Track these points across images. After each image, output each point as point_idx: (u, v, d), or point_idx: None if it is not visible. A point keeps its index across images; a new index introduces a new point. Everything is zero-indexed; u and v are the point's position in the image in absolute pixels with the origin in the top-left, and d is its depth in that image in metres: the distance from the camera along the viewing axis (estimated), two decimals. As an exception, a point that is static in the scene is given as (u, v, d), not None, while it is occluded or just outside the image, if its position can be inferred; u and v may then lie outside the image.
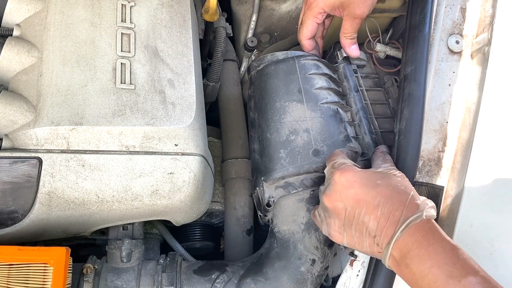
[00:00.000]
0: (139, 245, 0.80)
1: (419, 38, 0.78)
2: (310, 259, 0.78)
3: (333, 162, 0.71)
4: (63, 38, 0.77)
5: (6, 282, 0.62)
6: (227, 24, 1.06)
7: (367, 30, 0.91)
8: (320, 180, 0.81)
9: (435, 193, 0.75)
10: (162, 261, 0.79)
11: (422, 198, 0.64)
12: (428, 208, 0.62)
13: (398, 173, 0.68)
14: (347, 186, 0.66)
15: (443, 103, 0.82)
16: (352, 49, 0.86)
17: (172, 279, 0.75)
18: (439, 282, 0.57)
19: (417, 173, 0.76)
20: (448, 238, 0.61)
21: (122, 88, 0.75)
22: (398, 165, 0.74)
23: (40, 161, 0.69)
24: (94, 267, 0.75)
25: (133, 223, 0.81)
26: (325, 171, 0.73)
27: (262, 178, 0.81)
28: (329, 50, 0.93)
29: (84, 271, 0.73)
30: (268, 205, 0.81)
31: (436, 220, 0.75)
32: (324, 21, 0.87)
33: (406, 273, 0.61)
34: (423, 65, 0.77)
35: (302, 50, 0.89)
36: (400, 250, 0.61)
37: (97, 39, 0.78)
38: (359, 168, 0.69)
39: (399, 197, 0.63)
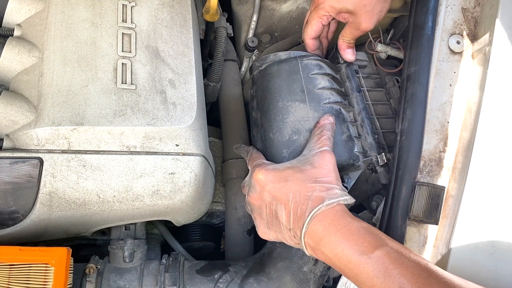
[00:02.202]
0: (141, 245, 0.80)
1: (423, 38, 0.78)
2: (312, 259, 0.78)
3: (250, 163, 0.77)
4: (64, 38, 0.77)
5: (7, 282, 0.62)
6: (228, 24, 1.06)
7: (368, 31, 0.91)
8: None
9: (436, 194, 0.75)
10: (164, 261, 0.79)
11: (332, 187, 0.69)
12: (332, 197, 0.67)
13: (317, 157, 0.72)
14: (263, 185, 0.71)
15: (444, 103, 0.82)
16: (347, 53, 0.87)
17: (175, 279, 0.75)
18: (353, 261, 0.62)
19: (418, 173, 0.76)
20: (354, 218, 0.66)
21: (123, 88, 0.75)
22: (400, 165, 0.74)
23: (41, 161, 0.69)
24: (96, 267, 0.75)
25: (135, 223, 0.81)
26: (247, 176, 0.77)
27: (264, 178, 0.81)
28: (331, 51, 0.93)
29: (87, 271, 0.73)
30: (270, 205, 0.81)
31: (437, 220, 0.75)
32: (330, 22, 0.88)
33: (324, 259, 0.66)
34: (426, 66, 0.77)
35: (305, 50, 0.89)
36: (312, 239, 0.66)
37: (98, 39, 0.78)
38: (273, 165, 0.74)
39: (306, 190, 0.68)
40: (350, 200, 0.68)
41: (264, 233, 0.74)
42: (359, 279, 0.62)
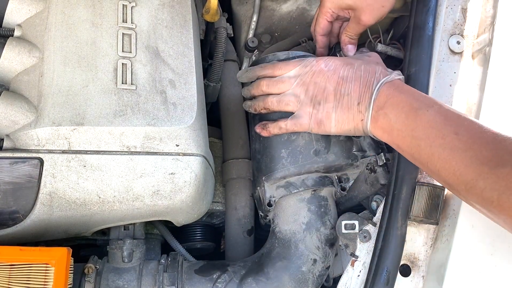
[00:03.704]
0: (140, 245, 0.80)
1: (423, 39, 0.78)
2: (311, 259, 0.78)
3: (299, 61, 0.79)
4: (64, 38, 0.77)
5: (7, 282, 0.62)
6: (228, 24, 1.06)
7: (368, 31, 0.91)
8: (321, 180, 0.81)
9: (436, 194, 0.75)
10: (163, 261, 0.79)
11: (389, 70, 0.76)
12: (396, 74, 0.74)
13: (370, 53, 0.82)
14: (330, 68, 0.76)
15: (444, 103, 0.82)
16: (348, 48, 0.88)
17: (173, 279, 0.75)
18: (411, 116, 0.67)
19: (419, 173, 0.76)
20: (412, 88, 0.72)
21: (123, 89, 0.75)
22: (400, 165, 0.74)
23: (41, 161, 0.69)
24: (95, 267, 0.75)
25: (134, 223, 0.81)
26: (293, 70, 0.78)
27: (263, 178, 0.81)
28: (330, 50, 0.93)
29: (86, 271, 0.73)
30: (269, 204, 0.81)
31: (437, 220, 0.75)
32: (336, 20, 0.89)
33: (384, 123, 0.70)
34: (426, 66, 0.77)
35: (305, 50, 0.89)
36: (377, 106, 0.71)
37: (98, 40, 0.78)
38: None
39: (373, 69, 0.75)
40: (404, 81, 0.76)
41: (319, 122, 0.76)
42: (415, 133, 0.66)
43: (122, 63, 0.77)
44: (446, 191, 0.76)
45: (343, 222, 0.77)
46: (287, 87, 0.77)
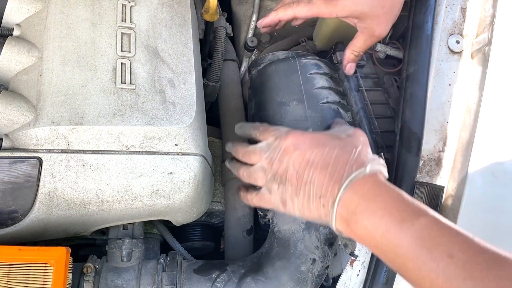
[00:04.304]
0: (139, 245, 0.80)
1: (422, 38, 0.78)
2: (310, 258, 0.78)
3: (274, 131, 0.70)
4: (63, 38, 0.77)
5: (6, 282, 0.62)
6: (227, 24, 1.06)
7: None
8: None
9: (435, 193, 0.75)
10: (162, 261, 0.79)
11: (371, 156, 0.65)
12: (374, 163, 0.63)
13: (351, 131, 0.69)
14: (297, 148, 0.66)
15: (444, 103, 0.82)
16: (350, 66, 0.82)
17: (172, 278, 0.75)
18: (393, 229, 0.56)
19: (418, 173, 0.76)
20: (394, 187, 0.60)
21: (122, 88, 0.75)
22: (399, 165, 0.74)
23: (40, 161, 0.69)
24: (94, 267, 0.75)
25: (133, 223, 0.81)
26: (265, 143, 0.70)
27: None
28: (330, 50, 0.93)
29: (85, 270, 0.73)
30: (269, 204, 0.81)
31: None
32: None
33: (358, 230, 0.59)
34: (425, 66, 0.77)
35: (305, 50, 0.89)
36: (347, 207, 0.60)
37: (97, 39, 0.78)
38: (307, 131, 0.69)
39: (345, 156, 0.63)
40: (387, 174, 0.64)
41: (285, 203, 0.67)
42: (399, 251, 0.55)
43: (121, 63, 0.77)
44: (446, 190, 0.76)
45: (343, 222, 0.77)
46: (257, 160, 0.70)
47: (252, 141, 0.76)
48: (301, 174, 0.64)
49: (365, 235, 0.59)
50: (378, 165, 0.63)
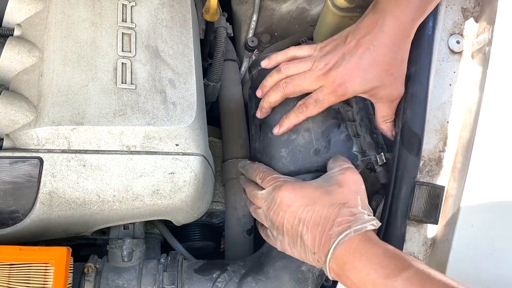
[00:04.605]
0: (140, 245, 0.80)
1: (422, 38, 0.78)
2: (311, 258, 0.78)
3: (272, 180, 0.73)
4: (64, 38, 0.77)
5: (7, 282, 0.62)
6: (228, 24, 1.06)
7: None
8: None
9: (435, 193, 0.75)
10: (163, 260, 0.79)
11: (359, 213, 0.66)
12: (359, 223, 0.65)
13: (342, 177, 0.70)
14: (289, 204, 0.69)
15: (444, 103, 0.82)
16: (394, 131, 0.79)
17: (173, 278, 0.75)
18: (379, 285, 0.60)
19: (418, 173, 0.76)
20: (380, 242, 0.64)
21: (123, 88, 0.75)
22: (399, 164, 0.74)
23: (41, 161, 0.69)
24: (95, 267, 0.75)
25: (134, 223, 0.81)
26: (265, 191, 0.74)
27: (263, 178, 0.80)
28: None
29: (85, 270, 0.73)
30: (269, 204, 0.81)
31: (436, 220, 0.75)
32: None
33: (349, 284, 0.64)
34: (426, 66, 0.77)
35: None
36: (337, 264, 0.64)
37: (98, 39, 0.78)
38: (300, 183, 0.72)
39: (334, 215, 0.66)
40: (377, 224, 0.67)
41: (286, 250, 0.72)
42: None
43: (122, 63, 0.77)
44: (446, 190, 0.76)
45: (343, 222, 0.77)
46: (259, 204, 0.75)
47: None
48: (295, 229, 0.69)
49: None
50: (364, 223, 0.65)
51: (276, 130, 0.78)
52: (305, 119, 0.78)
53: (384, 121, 0.79)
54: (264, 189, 0.74)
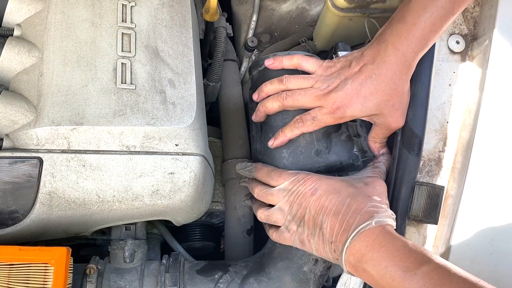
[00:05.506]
0: (142, 246, 0.80)
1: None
2: (312, 259, 0.78)
3: (289, 175, 0.73)
4: (64, 38, 0.77)
5: (6, 282, 0.62)
6: (228, 24, 1.06)
7: (367, 30, 0.91)
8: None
9: (435, 193, 0.75)
10: (165, 261, 0.79)
11: (383, 208, 0.67)
12: (382, 215, 0.65)
13: (370, 180, 0.72)
14: (314, 193, 0.70)
15: (444, 103, 0.82)
16: (382, 152, 0.81)
17: (175, 279, 0.75)
18: (397, 279, 0.59)
19: (418, 173, 0.76)
20: (399, 236, 0.63)
21: (122, 88, 0.75)
22: (399, 165, 0.74)
23: (40, 161, 0.69)
24: (97, 268, 0.75)
25: (135, 223, 0.81)
26: (282, 186, 0.73)
27: (264, 178, 0.80)
28: (330, 50, 0.93)
29: (87, 271, 0.73)
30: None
31: (436, 220, 0.75)
32: None
33: (366, 277, 0.63)
34: (427, 66, 0.77)
35: (304, 50, 0.89)
36: (354, 255, 0.63)
37: (97, 39, 0.78)
38: (324, 175, 0.73)
39: (356, 205, 0.66)
40: (394, 223, 0.67)
41: (304, 242, 0.71)
42: None
43: (122, 63, 0.77)
44: (446, 191, 0.76)
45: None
46: (275, 201, 0.74)
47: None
48: (316, 219, 0.68)
49: (373, 283, 0.63)
50: (386, 217, 0.66)
51: (271, 143, 0.78)
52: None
53: (373, 141, 0.80)
54: (277, 186, 0.74)
